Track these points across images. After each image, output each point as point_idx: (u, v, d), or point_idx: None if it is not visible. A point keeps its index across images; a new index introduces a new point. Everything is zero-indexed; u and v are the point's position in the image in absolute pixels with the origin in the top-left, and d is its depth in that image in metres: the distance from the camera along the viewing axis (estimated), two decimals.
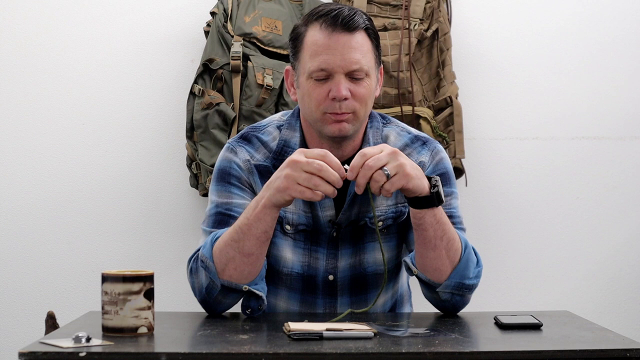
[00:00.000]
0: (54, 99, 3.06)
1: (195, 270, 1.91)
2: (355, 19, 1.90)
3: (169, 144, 3.06)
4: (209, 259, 1.86)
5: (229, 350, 1.50)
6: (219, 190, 2.00)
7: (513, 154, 3.13)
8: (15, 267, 3.05)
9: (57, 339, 1.55)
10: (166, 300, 2.96)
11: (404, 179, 1.76)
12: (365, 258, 2.01)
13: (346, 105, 1.90)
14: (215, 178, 2.02)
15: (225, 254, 1.84)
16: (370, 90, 1.93)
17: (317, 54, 1.90)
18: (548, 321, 1.81)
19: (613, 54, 3.14)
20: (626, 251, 3.16)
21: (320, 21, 1.91)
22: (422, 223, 1.83)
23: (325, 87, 1.90)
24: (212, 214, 1.98)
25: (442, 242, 1.85)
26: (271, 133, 2.03)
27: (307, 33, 1.93)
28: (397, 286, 2.09)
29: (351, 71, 1.89)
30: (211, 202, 2.01)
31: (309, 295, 2.01)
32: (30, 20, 3.05)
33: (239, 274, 1.85)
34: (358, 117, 1.93)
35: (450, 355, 1.51)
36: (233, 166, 2.00)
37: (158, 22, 3.07)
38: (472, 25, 3.10)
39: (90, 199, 3.06)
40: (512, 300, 3.09)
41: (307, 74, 1.91)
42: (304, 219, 1.99)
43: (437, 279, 1.88)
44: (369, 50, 1.92)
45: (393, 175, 1.75)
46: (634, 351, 1.54)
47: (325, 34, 1.90)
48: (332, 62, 1.89)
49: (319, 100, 1.91)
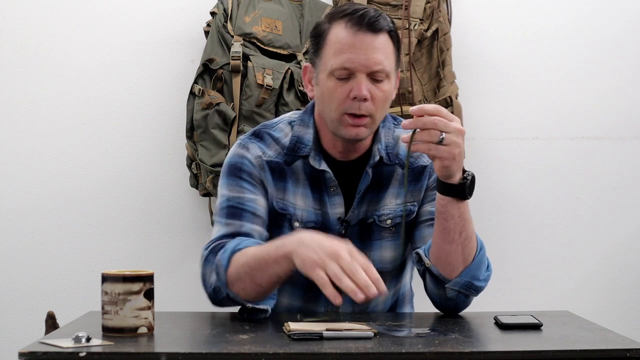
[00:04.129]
0: (54, 99, 3.06)
1: (209, 264, 1.89)
2: (380, 21, 1.91)
3: (169, 144, 3.06)
4: (224, 267, 1.84)
5: (229, 350, 1.50)
6: (230, 185, 1.99)
7: (513, 154, 3.13)
8: (15, 267, 3.05)
9: (57, 339, 1.55)
10: (166, 300, 2.96)
11: (446, 155, 1.76)
12: (371, 256, 2.01)
13: (365, 107, 1.90)
14: (226, 172, 2.01)
15: (238, 273, 1.83)
16: (389, 93, 1.94)
17: (341, 52, 1.90)
18: (548, 321, 1.81)
19: (613, 54, 3.14)
20: (626, 251, 3.16)
21: (345, 19, 1.91)
22: (445, 212, 1.84)
23: (347, 86, 1.90)
24: (224, 207, 1.97)
25: (460, 237, 1.85)
26: (283, 129, 2.03)
27: (330, 30, 1.93)
28: (399, 285, 2.10)
29: (373, 72, 1.90)
30: (222, 195, 1.99)
31: (313, 292, 2.00)
32: (30, 20, 3.05)
33: (246, 294, 1.84)
34: (375, 121, 1.94)
35: (450, 355, 1.51)
36: (245, 162, 1.99)
37: (158, 22, 3.07)
38: (472, 25, 3.10)
39: (90, 199, 3.06)
40: (512, 300, 3.09)
41: (329, 72, 1.91)
42: (314, 216, 1.99)
43: (448, 275, 1.89)
44: (391, 53, 1.93)
45: (443, 144, 1.75)
46: (634, 351, 1.54)
47: (350, 33, 1.90)
48: (356, 61, 1.89)
49: (340, 99, 1.91)
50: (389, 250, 2.03)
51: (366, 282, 1.65)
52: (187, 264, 3.04)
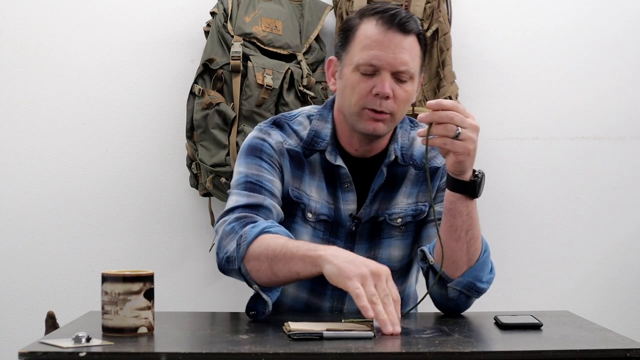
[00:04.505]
0: (54, 99, 3.06)
1: (231, 232, 1.86)
2: (411, 22, 1.92)
3: (169, 144, 3.06)
4: (248, 241, 1.81)
5: (229, 350, 1.50)
6: (249, 163, 1.97)
7: (513, 154, 3.13)
8: (15, 267, 3.05)
9: (57, 339, 1.55)
10: (166, 300, 2.96)
11: (461, 150, 1.76)
12: (379, 254, 2.02)
13: (386, 104, 1.91)
14: (245, 152, 1.98)
15: (260, 253, 1.80)
16: (411, 94, 1.95)
17: (369, 48, 1.91)
18: (548, 321, 1.81)
19: (613, 54, 3.14)
20: (626, 251, 3.16)
21: (377, 17, 1.93)
22: (454, 208, 1.84)
23: (370, 82, 1.91)
24: (242, 182, 1.94)
25: (466, 236, 1.85)
26: (301, 123, 2.03)
27: (360, 26, 1.94)
28: (405, 285, 2.11)
29: (398, 71, 1.91)
30: (239, 172, 1.97)
31: (319, 286, 2.01)
32: (30, 20, 3.05)
33: (258, 276, 1.82)
34: (394, 119, 1.95)
35: (450, 355, 1.51)
36: (265, 145, 1.99)
37: (158, 22, 3.07)
38: (472, 25, 3.10)
39: (90, 199, 3.06)
40: (512, 300, 3.09)
41: (355, 66, 1.92)
42: (327, 210, 2.00)
43: (452, 274, 1.89)
44: (417, 56, 1.94)
45: (458, 139, 1.74)
46: (634, 351, 1.54)
47: (380, 30, 1.91)
48: (383, 59, 1.90)
49: (361, 94, 1.92)
50: (397, 249, 2.04)
51: (394, 319, 1.63)
52: (187, 264, 3.04)
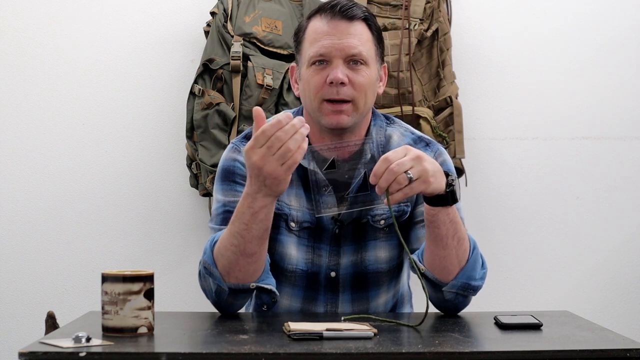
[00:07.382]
0: (54, 99, 3.06)
1: (203, 275, 1.91)
2: (354, 9, 1.95)
3: (169, 144, 3.06)
4: (212, 265, 1.85)
5: (229, 350, 1.50)
6: (225, 190, 1.99)
7: (513, 154, 3.13)
8: (15, 267, 3.05)
9: (57, 339, 1.55)
10: (166, 300, 2.96)
11: (423, 185, 1.74)
12: (366, 256, 2.01)
13: (344, 91, 1.91)
14: (220, 177, 2.02)
15: (227, 258, 1.83)
16: (370, 80, 1.95)
17: (317, 40, 1.94)
18: (548, 321, 1.81)
19: (613, 54, 3.14)
20: (626, 251, 3.16)
21: (320, 12, 1.97)
22: (435, 220, 1.82)
23: (324, 73, 1.93)
24: (219, 213, 1.98)
25: (453, 241, 1.84)
26: None
27: (308, 25, 1.99)
28: (398, 286, 2.10)
29: (349, 56, 1.92)
30: (217, 201, 2.00)
31: (312, 292, 2.01)
32: (30, 20, 3.05)
33: (244, 274, 1.84)
34: (357, 108, 1.94)
35: (450, 355, 1.51)
36: (237, 165, 2.00)
37: (158, 22, 3.07)
38: (472, 25, 3.10)
39: (90, 199, 3.06)
40: (512, 300, 3.09)
41: (308, 62, 1.95)
42: (308, 217, 2.00)
43: (444, 278, 1.88)
44: (368, 40, 1.96)
45: (415, 180, 1.73)
46: (634, 351, 1.54)
47: (324, 22, 1.95)
48: (330, 47, 1.92)
49: (317, 86, 1.93)
50: (384, 250, 2.03)
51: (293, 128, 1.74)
52: (187, 264, 3.04)
